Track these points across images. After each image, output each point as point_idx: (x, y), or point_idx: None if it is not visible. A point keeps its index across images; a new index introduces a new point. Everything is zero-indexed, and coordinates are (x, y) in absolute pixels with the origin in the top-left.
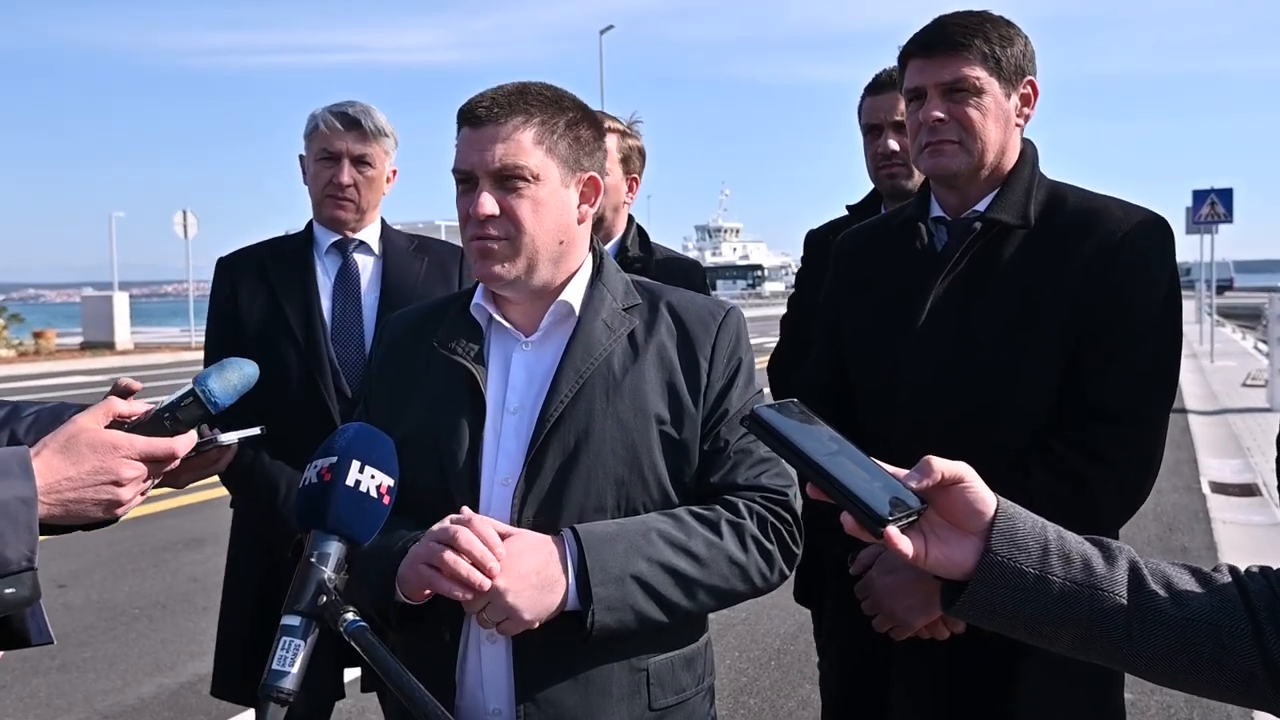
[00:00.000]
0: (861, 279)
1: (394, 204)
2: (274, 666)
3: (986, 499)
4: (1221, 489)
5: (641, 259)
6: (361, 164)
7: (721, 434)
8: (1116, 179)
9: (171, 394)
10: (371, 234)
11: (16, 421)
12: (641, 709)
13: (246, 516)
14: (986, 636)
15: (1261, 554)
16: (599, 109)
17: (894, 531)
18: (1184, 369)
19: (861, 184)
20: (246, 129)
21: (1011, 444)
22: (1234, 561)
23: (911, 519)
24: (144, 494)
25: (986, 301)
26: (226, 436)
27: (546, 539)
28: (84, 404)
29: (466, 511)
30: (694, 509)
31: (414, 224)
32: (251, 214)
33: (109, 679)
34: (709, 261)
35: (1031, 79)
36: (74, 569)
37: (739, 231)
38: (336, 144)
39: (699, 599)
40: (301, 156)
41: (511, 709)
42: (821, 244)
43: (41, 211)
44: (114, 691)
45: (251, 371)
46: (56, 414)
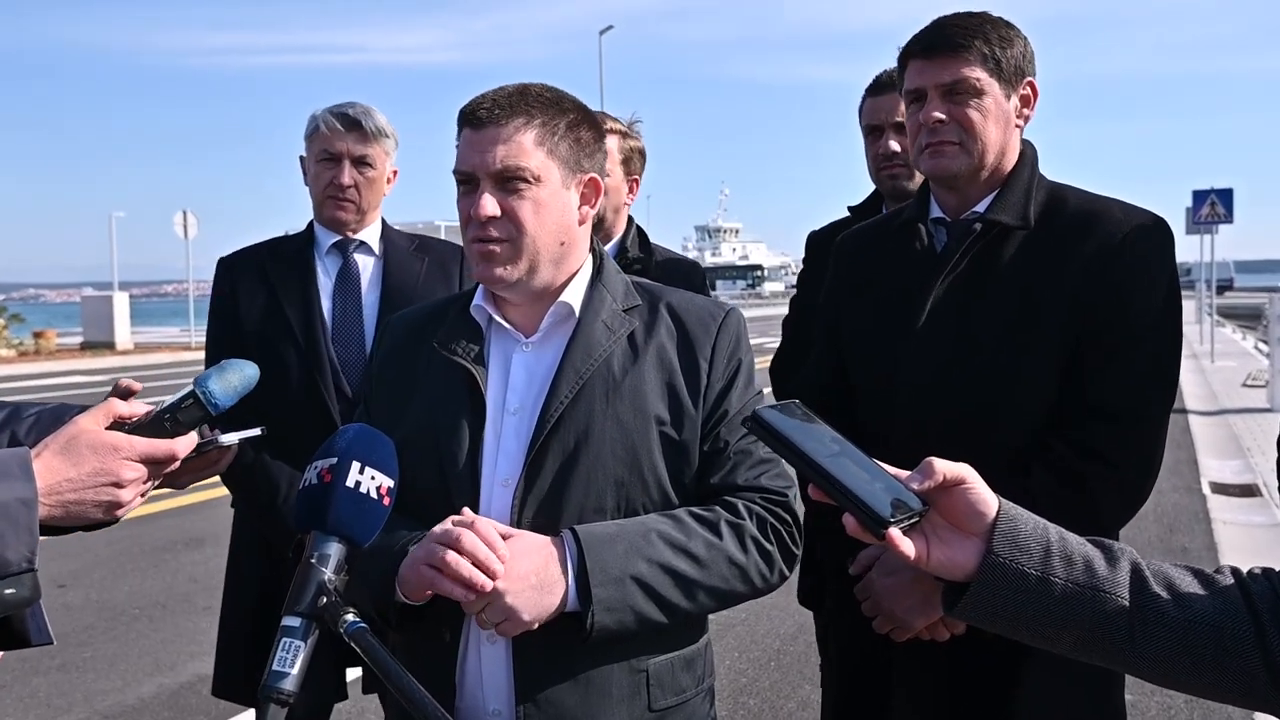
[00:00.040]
0: (861, 280)
1: (394, 204)
2: (274, 668)
3: (988, 500)
4: (1222, 489)
5: (641, 260)
6: (362, 165)
7: (721, 435)
8: (1116, 179)
9: (172, 395)
10: (372, 234)
11: (17, 423)
12: (641, 710)
13: (247, 516)
14: (987, 638)
15: (1262, 555)
16: (599, 109)
17: (896, 533)
18: (1184, 369)
19: (862, 184)
20: (246, 129)
21: (1011, 444)
22: (1234, 562)
23: (913, 520)
24: (144, 495)
25: (986, 302)
26: (227, 437)
27: (546, 540)
28: (84, 405)
29: (468, 513)
30: (694, 510)
31: (414, 224)
32: (251, 214)
33: (109, 679)
34: (708, 262)
35: (1031, 80)
36: (74, 569)
37: (739, 232)
38: (337, 145)
39: (699, 600)
40: (302, 157)
41: (511, 710)
42: (823, 245)
43: (42, 211)
44: (114, 691)
45: (252, 373)
46: (57, 415)
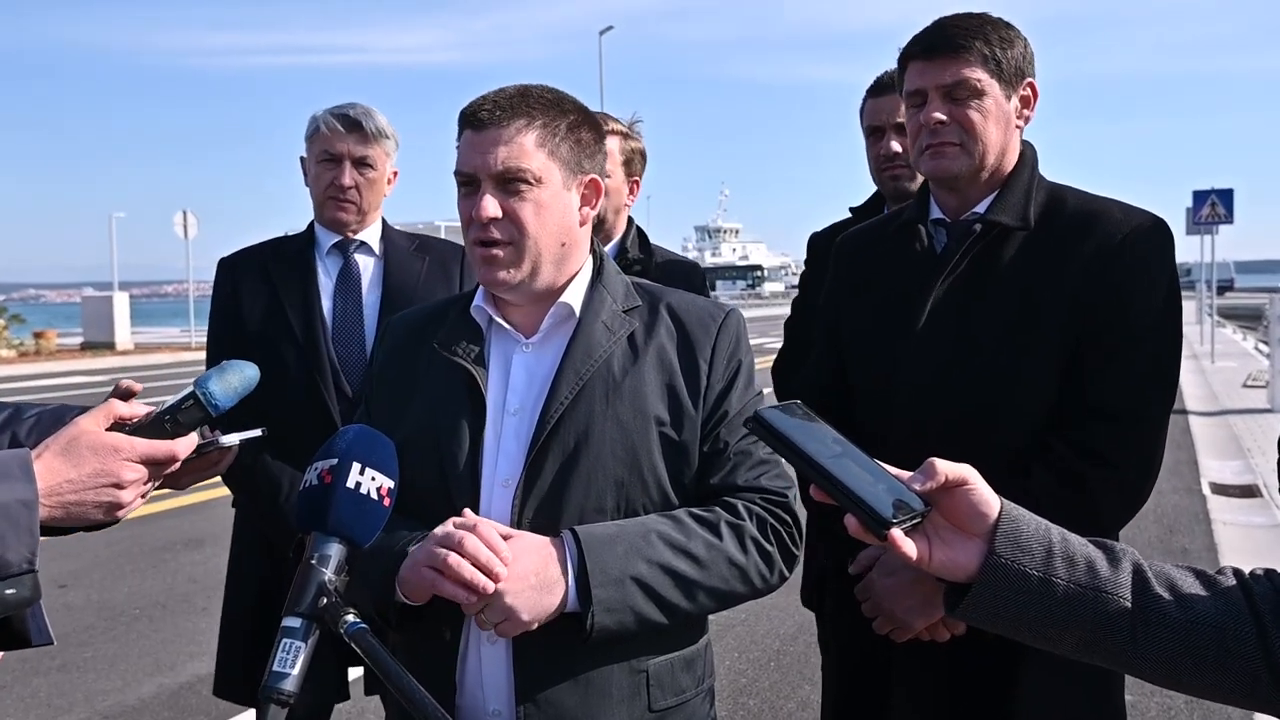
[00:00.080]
0: (861, 280)
1: (394, 204)
2: (274, 668)
3: (990, 501)
4: (1222, 490)
5: (641, 261)
6: (363, 166)
7: (721, 435)
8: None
9: (172, 396)
10: (372, 235)
11: (18, 424)
12: (641, 710)
13: (248, 516)
14: (987, 638)
15: (1262, 555)
16: (600, 110)
17: (898, 534)
18: (1184, 370)
19: (862, 185)
20: (246, 129)
21: (1011, 445)
22: (1234, 563)
23: (915, 521)
24: (145, 496)
25: (986, 303)
26: (228, 438)
27: (545, 540)
28: (85, 406)
29: (469, 514)
30: (694, 511)
31: (414, 224)
32: (251, 214)
33: (109, 679)
34: (708, 262)
35: (1031, 81)
36: (74, 569)
37: (738, 232)
38: (338, 146)
39: (699, 600)
40: (303, 158)
41: (511, 710)
42: (825, 247)
43: (42, 212)
44: (114, 692)
45: (252, 374)
46: (58, 416)
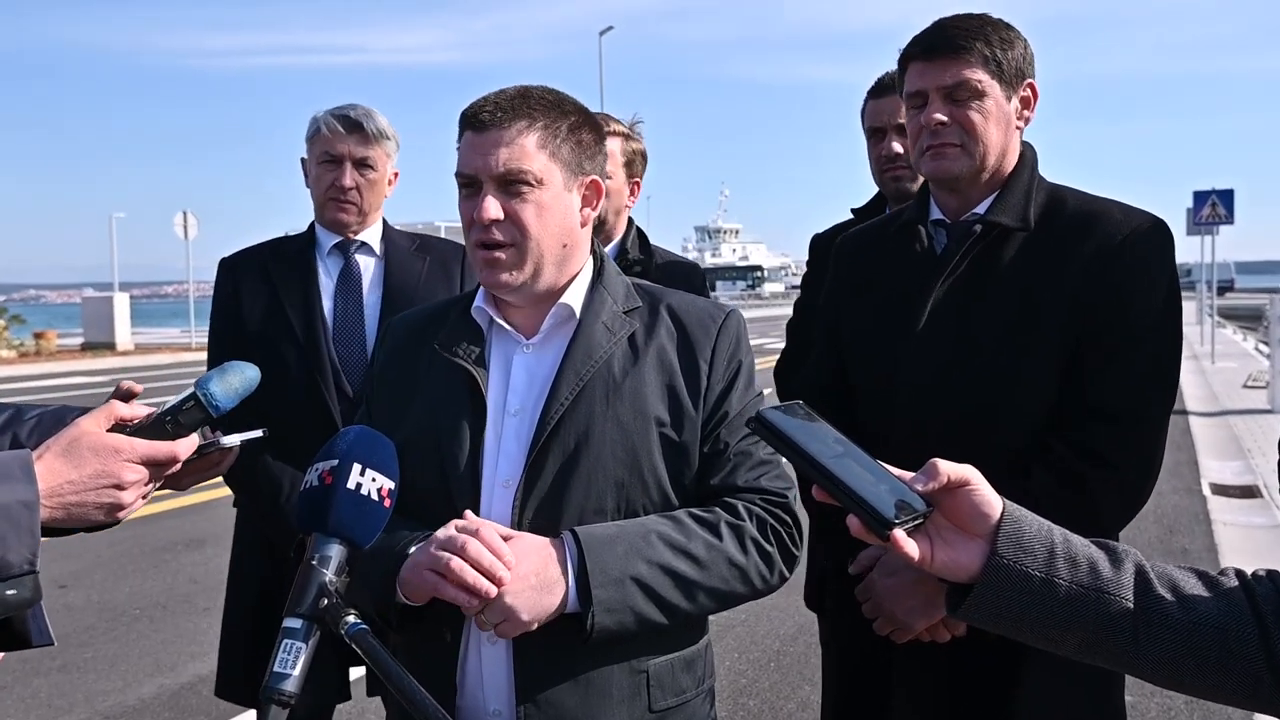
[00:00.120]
0: (861, 281)
1: (394, 205)
2: (275, 669)
3: (992, 502)
4: (1222, 491)
5: (642, 261)
6: (363, 167)
7: (721, 436)
8: (1117, 180)
9: (173, 397)
10: (373, 235)
11: (19, 425)
12: (642, 710)
13: (250, 516)
14: (987, 639)
15: (1262, 556)
16: (600, 110)
17: (900, 535)
18: (1185, 370)
19: (862, 185)
20: (246, 129)
21: (1011, 445)
22: (1235, 563)
23: (917, 522)
24: (145, 497)
25: (986, 304)
26: (229, 439)
27: (545, 541)
28: (86, 407)
29: (470, 516)
30: (694, 511)
31: (414, 225)
32: (252, 215)
33: (109, 680)
34: (708, 262)
35: (1031, 82)
36: (74, 570)
37: (739, 232)
38: (338, 147)
39: (699, 601)
40: (303, 159)
41: (512, 710)
42: (827, 248)
43: (42, 212)
44: (114, 692)
45: (253, 375)
46: (59, 417)
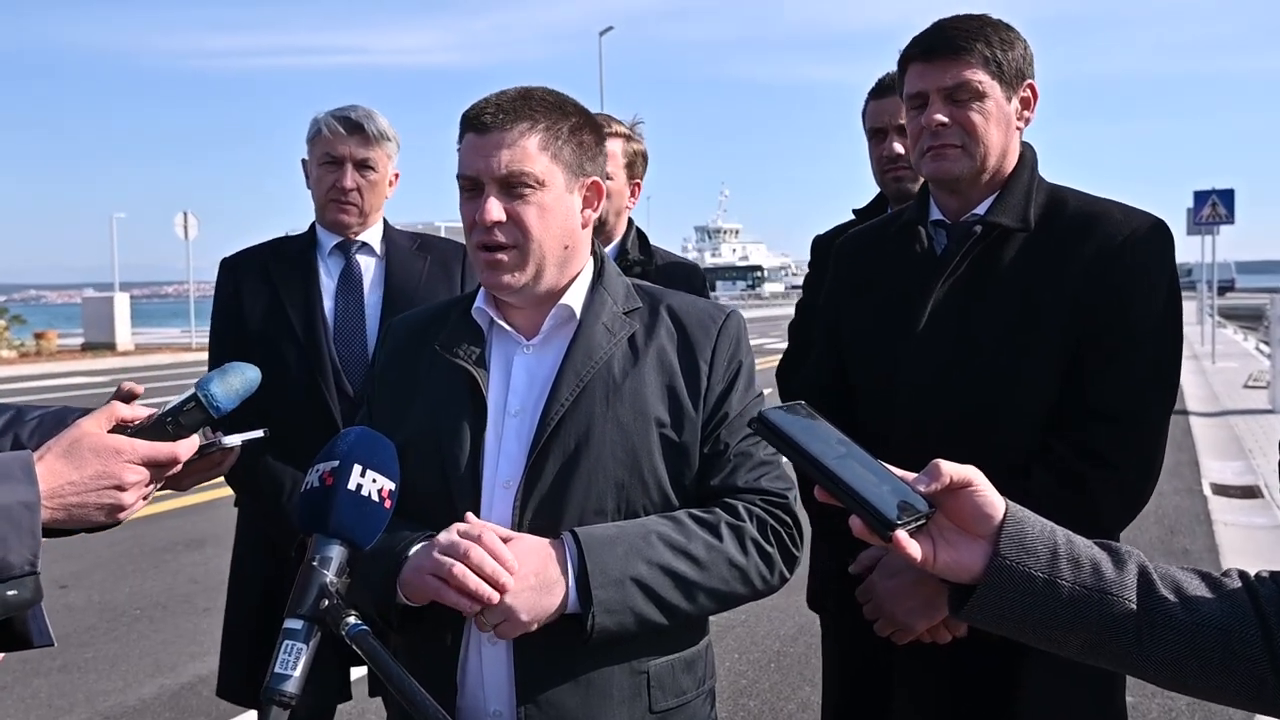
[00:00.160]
0: (861, 281)
1: (393, 205)
2: (276, 670)
3: (995, 503)
4: (1223, 491)
5: (642, 262)
6: (364, 168)
7: (721, 437)
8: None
9: (174, 398)
10: (374, 235)
11: (20, 426)
12: (642, 711)
13: (251, 516)
14: (988, 640)
15: (1263, 556)
16: (600, 111)
17: (903, 536)
18: (1185, 370)
19: (863, 186)
20: (247, 130)
21: (1011, 446)
22: (1236, 564)
23: (920, 523)
24: (146, 498)
25: (987, 304)
26: (230, 439)
27: (545, 542)
28: (87, 408)
29: (472, 519)
30: (694, 512)
31: (414, 225)
32: (252, 215)
33: (110, 680)
34: (708, 262)
35: (1031, 82)
36: (75, 570)
37: (739, 232)
38: (339, 148)
39: (699, 601)
40: (304, 160)
41: (512, 711)
42: (828, 249)
43: (42, 213)
44: (115, 693)
45: (254, 376)
46: (60, 418)
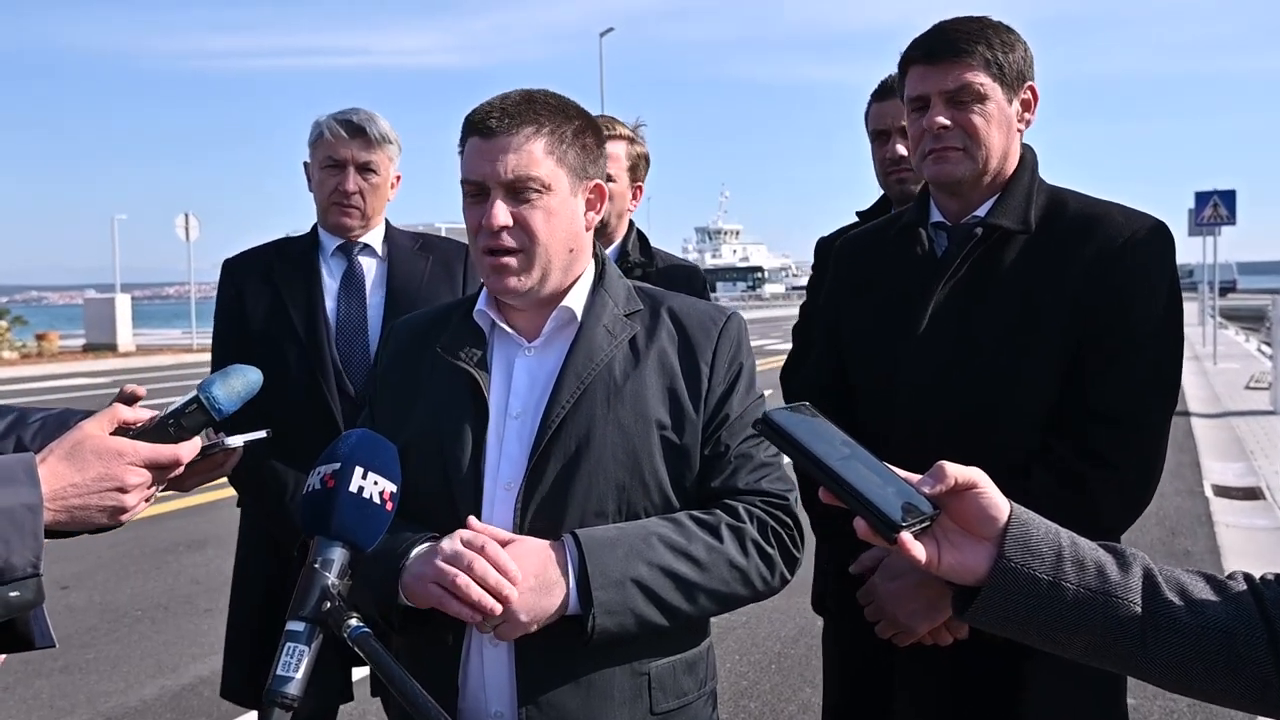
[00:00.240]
0: (861, 282)
1: (393, 206)
2: (278, 672)
3: (1000, 505)
4: (1224, 492)
5: (642, 264)
6: (366, 171)
7: (722, 439)
8: (1117, 181)
9: (177, 400)
10: (376, 237)
11: (23, 428)
12: (643, 712)
13: (254, 517)
14: (991, 642)
15: (1265, 558)
16: (602, 112)
17: (908, 538)
18: (1187, 371)
19: (864, 186)
20: (247, 131)
21: (1012, 447)
22: (1237, 566)
23: (924, 525)
24: (149, 500)
25: (987, 306)
26: (233, 440)
27: (546, 544)
28: (89, 410)
29: (474, 522)
30: (694, 513)
31: (414, 226)
32: (253, 216)
33: (111, 681)
34: (709, 263)
35: (1031, 84)
36: (76, 571)
37: (739, 233)
38: (341, 151)
39: (699, 603)
40: (306, 163)
41: (513, 712)
42: (831, 251)
43: (44, 214)
44: (116, 694)
45: (255, 378)
46: (62, 420)
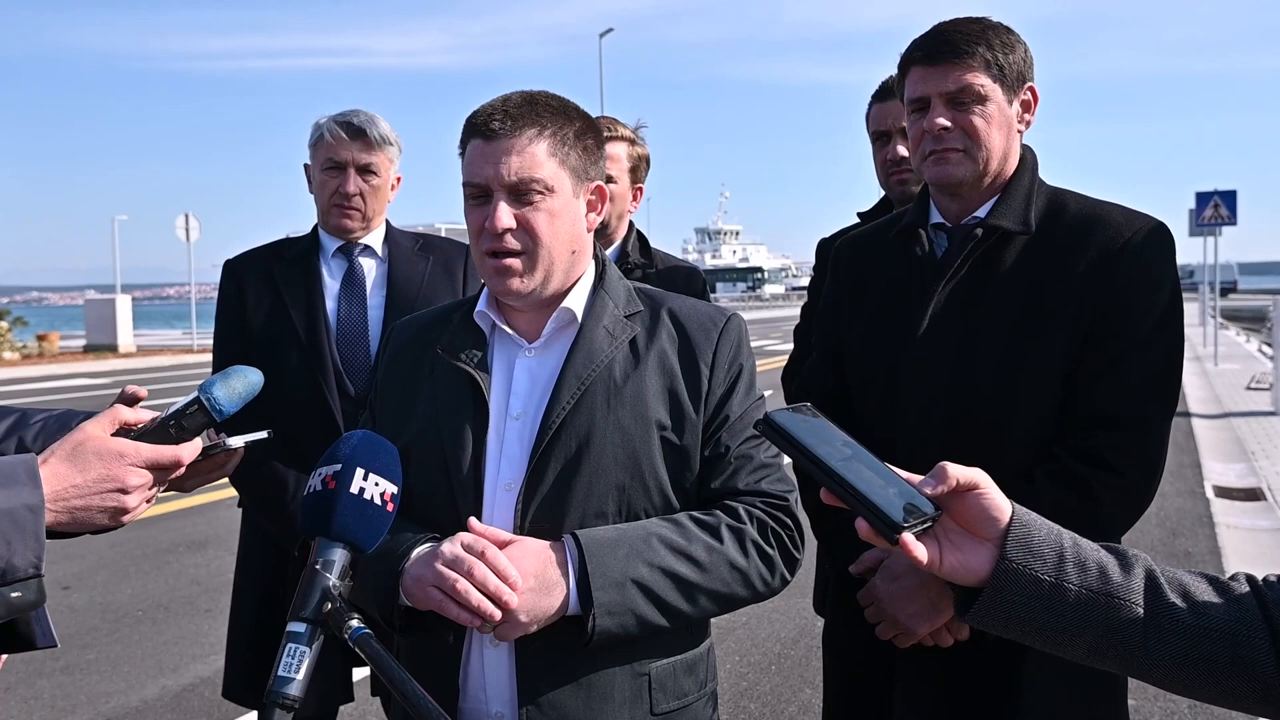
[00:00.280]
0: (861, 284)
1: (392, 207)
2: (279, 673)
3: (1002, 505)
4: (1225, 493)
5: (642, 265)
6: (367, 173)
7: (722, 440)
8: (1118, 182)
9: (178, 401)
10: (376, 238)
11: (24, 429)
12: (643, 713)
13: (255, 517)
14: (990, 644)
15: (1266, 559)
16: (602, 113)
17: (910, 539)
18: (1188, 372)
19: (865, 186)
20: (247, 132)
21: (1012, 448)
22: (1238, 567)
23: (926, 525)
24: (150, 501)
25: (987, 307)
26: (234, 440)
27: (546, 544)
28: (90, 411)
29: (475, 524)
30: (694, 514)
31: (413, 227)
32: (253, 217)
33: (112, 681)
34: (709, 264)
35: (1031, 85)
36: (77, 571)
37: (739, 234)
38: (342, 153)
39: (699, 603)
40: (306, 165)
41: (514, 712)
42: None
43: (45, 215)
44: (117, 694)
45: (256, 379)
46: (64, 421)
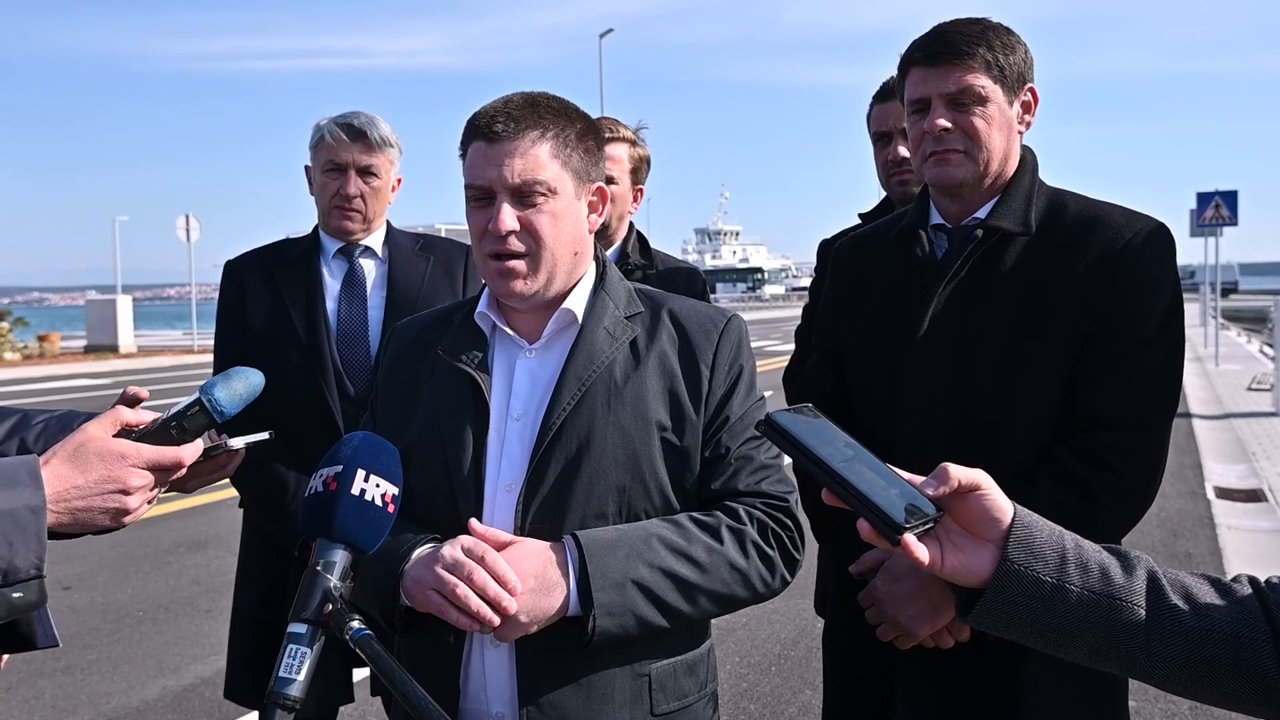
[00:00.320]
0: (860, 285)
1: (392, 208)
2: (280, 674)
3: (1004, 506)
4: (1226, 494)
5: (642, 266)
6: (368, 175)
7: (723, 441)
8: (1118, 182)
9: (179, 402)
10: (376, 239)
11: (26, 430)
12: (644, 714)
13: (256, 517)
14: (991, 645)
15: (1267, 560)
16: (603, 114)
17: (911, 540)
18: (1188, 373)
19: (865, 187)
20: (248, 132)
21: (1013, 450)
22: (1239, 568)
23: (928, 526)
24: (151, 502)
25: (988, 308)
26: (236, 441)
27: (546, 545)
28: (92, 412)
29: (475, 525)
30: (695, 515)
31: (413, 228)
32: (254, 217)
33: (113, 681)
34: (708, 264)
35: (1032, 86)
36: (78, 571)
37: (739, 234)
38: (342, 155)
39: (700, 604)
40: (307, 167)
41: (514, 713)
42: None
43: (45, 216)
44: (118, 694)
45: (257, 381)
46: (65, 422)
